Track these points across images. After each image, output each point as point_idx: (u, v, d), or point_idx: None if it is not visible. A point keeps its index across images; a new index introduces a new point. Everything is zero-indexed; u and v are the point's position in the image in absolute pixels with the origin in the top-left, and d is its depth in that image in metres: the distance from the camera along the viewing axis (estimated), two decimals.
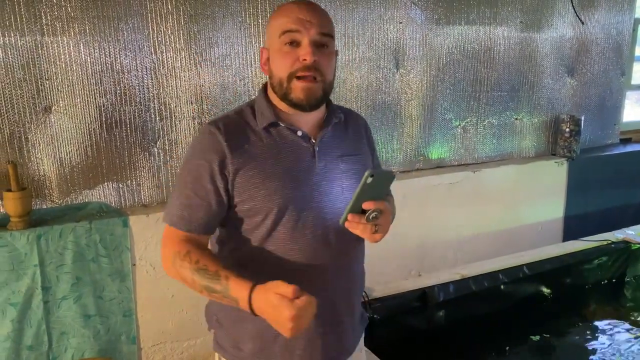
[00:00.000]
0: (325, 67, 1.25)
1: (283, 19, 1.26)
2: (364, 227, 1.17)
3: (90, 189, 2.35)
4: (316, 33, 1.23)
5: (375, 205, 1.16)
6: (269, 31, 1.31)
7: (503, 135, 3.39)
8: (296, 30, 1.23)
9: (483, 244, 3.25)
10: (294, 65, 1.23)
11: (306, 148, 1.30)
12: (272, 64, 1.28)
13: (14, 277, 2.14)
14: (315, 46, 1.23)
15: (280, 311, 1.06)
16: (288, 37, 1.23)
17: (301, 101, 1.24)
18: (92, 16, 2.21)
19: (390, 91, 2.96)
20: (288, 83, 1.24)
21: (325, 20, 1.28)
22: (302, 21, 1.23)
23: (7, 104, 2.15)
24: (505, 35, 3.24)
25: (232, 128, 1.28)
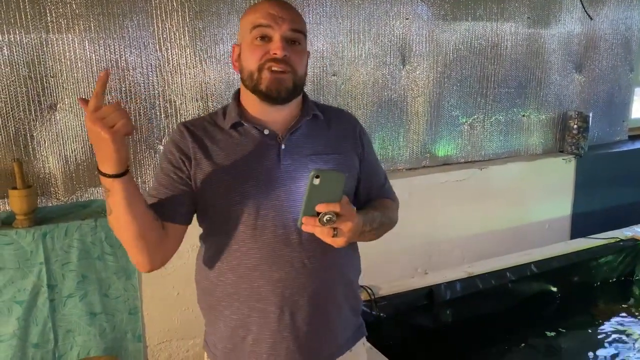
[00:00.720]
0: (296, 62, 1.25)
1: (255, 14, 1.26)
2: (320, 230, 1.11)
3: (95, 187, 2.35)
4: (288, 29, 1.23)
5: (328, 207, 1.10)
6: (241, 27, 1.30)
7: (510, 132, 3.36)
8: (267, 25, 1.23)
9: (490, 241, 3.23)
10: (264, 57, 1.23)
11: (271, 146, 1.28)
12: (244, 58, 1.27)
13: (20, 275, 2.14)
14: (286, 42, 1.23)
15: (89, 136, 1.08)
16: (259, 31, 1.23)
17: (271, 91, 1.23)
18: (97, 13, 2.20)
19: (396, 88, 2.93)
20: (258, 74, 1.23)
21: (297, 17, 1.28)
22: (273, 17, 1.23)
23: (13, 101, 2.14)
24: (512, 31, 3.21)
25: (199, 127, 1.31)
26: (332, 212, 1.10)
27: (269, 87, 1.23)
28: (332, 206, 1.10)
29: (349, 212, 1.13)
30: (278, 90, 1.23)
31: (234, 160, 1.27)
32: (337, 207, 1.10)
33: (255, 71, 1.24)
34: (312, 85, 2.68)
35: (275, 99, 1.25)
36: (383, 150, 2.97)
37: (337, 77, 2.75)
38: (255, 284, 1.27)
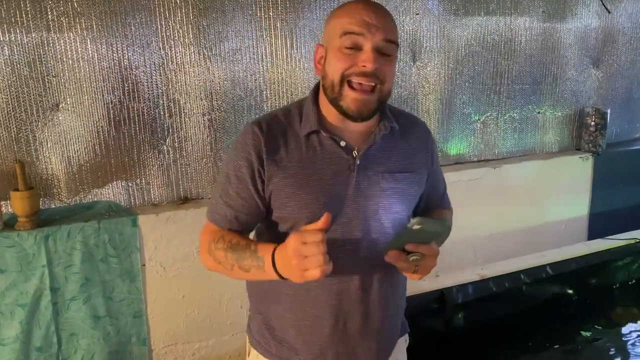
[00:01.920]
0: (386, 75, 1.16)
1: (347, 18, 1.16)
2: (403, 264, 1.12)
3: (99, 188, 2.31)
4: (381, 39, 1.14)
5: (418, 249, 1.10)
6: (329, 29, 1.20)
7: (525, 130, 3.27)
8: (360, 33, 1.13)
9: (504, 243, 3.14)
10: (351, 68, 1.13)
11: (346, 160, 1.21)
12: (328, 63, 1.18)
13: (22, 278, 2.11)
14: (378, 53, 1.14)
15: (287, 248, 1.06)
16: (350, 39, 1.13)
17: (352, 112, 1.16)
18: (99, 11, 2.16)
19: (406, 85, 2.86)
20: (340, 87, 1.14)
21: (391, 26, 1.19)
22: (367, 24, 1.13)
23: (14, 102, 2.11)
24: (526, 26, 3.12)
25: (274, 131, 1.22)
26: (420, 253, 1.10)
27: (350, 107, 1.15)
28: (423, 248, 1.10)
29: (434, 252, 1.13)
30: (360, 112, 1.16)
31: (308, 175, 1.20)
32: (427, 249, 1.10)
33: (337, 82, 1.14)
34: None
35: (355, 119, 1.18)
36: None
37: None
38: (313, 293, 1.24)
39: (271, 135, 1.21)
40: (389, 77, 1.17)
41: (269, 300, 1.30)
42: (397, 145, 1.26)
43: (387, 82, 1.17)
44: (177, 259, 2.35)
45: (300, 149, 1.21)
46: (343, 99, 1.15)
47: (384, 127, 1.22)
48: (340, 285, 1.23)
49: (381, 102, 1.19)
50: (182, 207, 2.39)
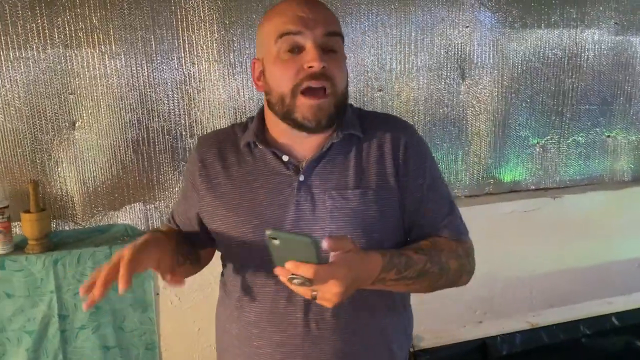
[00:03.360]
0: (336, 74, 0.99)
1: (279, 19, 1.00)
2: (295, 288, 0.85)
3: (115, 210, 2.20)
4: (322, 33, 0.98)
5: (297, 269, 0.82)
6: (261, 37, 1.05)
7: (592, 156, 2.90)
8: (297, 31, 0.98)
9: (564, 283, 2.78)
10: (298, 75, 0.97)
11: (288, 177, 1.04)
12: (269, 77, 1.02)
13: (30, 303, 2.02)
14: (322, 50, 0.98)
15: None
16: (288, 41, 0.98)
17: (309, 121, 0.99)
18: (117, 26, 2.07)
19: (454, 104, 2.60)
20: (292, 99, 0.99)
21: (330, 17, 1.03)
22: (303, 20, 0.98)
23: (30, 120, 2.04)
24: (595, 39, 2.77)
25: (214, 147, 1.12)
26: (301, 276, 0.82)
27: (306, 117, 0.99)
28: (303, 269, 0.81)
29: (331, 275, 0.83)
30: (318, 119, 0.99)
31: (242, 194, 1.05)
32: (309, 271, 0.81)
33: (288, 95, 0.99)
34: (354, 102, 2.39)
35: (314, 129, 1.01)
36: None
37: (383, 93, 2.46)
38: (255, 343, 1.07)
39: (209, 152, 1.12)
40: (339, 75, 1.00)
41: None
42: (357, 156, 1.06)
43: (339, 82, 1.00)
44: (193, 289, 2.20)
45: (239, 164, 1.07)
46: (297, 109, 0.99)
47: (335, 136, 1.04)
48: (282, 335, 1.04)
49: (338, 107, 1.01)
50: None
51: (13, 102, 2.01)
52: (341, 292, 0.84)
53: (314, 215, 1.01)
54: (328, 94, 0.99)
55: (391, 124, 1.11)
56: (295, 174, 1.04)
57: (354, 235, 0.98)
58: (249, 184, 1.06)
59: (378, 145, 1.07)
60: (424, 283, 1.01)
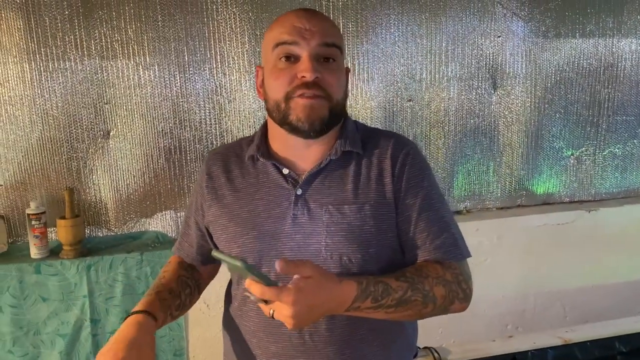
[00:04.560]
0: (331, 84, 1.01)
1: (277, 29, 1.03)
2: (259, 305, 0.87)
3: (147, 218, 2.24)
4: (318, 44, 1.00)
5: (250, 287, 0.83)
6: (263, 47, 1.09)
7: (629, 168, 2.82)
8: (292, 41, 1.00)
9: (599, 299, 2.69)
10: (292, 84, 1.00)
11: (286, 190, 1.05)
12: (267, 84, 1.05)
13: (64, 307, 2.07)
14: (317, 60, 1.00)
15: None
16: (283, 50, 1.01)
17: (302, 123, 1.00)
18: (152, 38, 2.12)
19: (485, 115, 2.57)
20: (286, 103, 1.00)
21: (329, 29, 1.04)
22: (299, 30, 1.00)
23: (66, 128, 2.11)
24: (632, 49, 2.70)
25: (222, 159, 1.16)
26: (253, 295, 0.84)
27: (300, 117, 1.00)
28: (253, 288, 0.83)
29: (276, 297, 0.83)
30: (311, 120, 1.00)
31: (242, 205, 1.08)
32: (256, 290, 0.83)
33: (281, 101, 1.01)
34: (383, 112, 2.40)
35: (307, 132, 1.01)
36: (469, 186, 2.60)
37: (413, 103, 2.44)
38: (253, 352, 1.08)
39: (216, 165, 1.15)
40: (334, 84, 1.01)
41: None
42: (355, 171, 1.06)
43: (335, 91, 1.01)
44: (221, 297, 2.20)
45: (242, 176, 1.10)
46: (292, 112, 1.00)
47: (334, 151, 1.05)
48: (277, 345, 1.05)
49: (334, 113, 1.02)
50: None
51: (51, 112, 2.08)
52: (292, 316, 0.83)
53: (310, 229, 1.01)
54: (321, 97, 1.00)
55: (393, 141, 1.09)
56: (293, 187, 1.05)
57: (350, 250, 0.99)
58: (250, 195, 1.08)
59: (378, 162, 1.07)
60: (407, 312, 0.97)
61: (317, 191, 1.04)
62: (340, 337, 1.03)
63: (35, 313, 2.05)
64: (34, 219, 2.01)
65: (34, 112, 2.07)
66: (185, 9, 2.13)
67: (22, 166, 2.10)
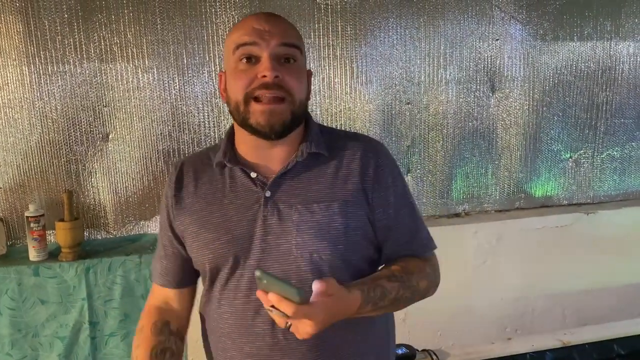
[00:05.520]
0: (292, 84, 1.01)
1: (237, 32, 1.04)
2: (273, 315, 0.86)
3: (146, 220, 2.25)
4: (277, 44, 1.01)
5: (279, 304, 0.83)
6: (224, 50, 1.09)
7: (627, 171, 2.83)
8: (252, 42, 1.00)
9: (597, 302, 2.70)
10: (252, 84, 1.00)
11: (255, 193, 1.06)
12: (228, 87, 1.06)
13: (62, 310, 2.07)
14: (277, 61, 1.00)
15: None
16: (243, 51, 1.01)
17: (262, 127, 1.00)
18: (151, 41, 2.13)
19: (483, 117, 2.57)
20: (245, 106, 1.01)
21: (289, 30, 1.05)
22: (259, 32, 1.01)
23: (65, 131, 2.11)
24: (630, 52, 2.72)
25: (190, 167, 1.15)
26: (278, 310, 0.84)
27: (259, 122, 1.00)
28: (283, 306, 0.83)
29: (308, 317, 0.84)
30: (271, 124, 1.00)
31: (212, 211, 1.08)
32: (288, 309, 0.83)
33: (241, 102, 1.01)
34: (382, 115, 2.41)
35: (268, 135, 1.02)
36: (467, 189, 2.61)
37: (411, 106, 2.45)
38: (229, 354, 1.10)
39: (184, 173, 1.14)
40: (296, 85, 1.01)
41: None
42: (322, 172, 1.07)
43: (296, 92, 1.01)
44: None
45: (210, 183, 1.10)
46: (251, 115, 1.01)
47: (300, 153, 1.06)
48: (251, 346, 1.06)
49: (295, 115, 1.02)
50: None
51: (50, 115, 2.09)
52: (313, 332, 0.86)
53: (280, 229, 1.03)
54: (283, 101, 1.00)
55: (361, 142, 1.12)
56: (262, 190, 1.06)
57: (320, 247, 1.01)
58: (219, 200, 1.08)
59: (346, 162, 1.08)
60: (397, 308, 1.06)
61: (285, 192, 1.06)
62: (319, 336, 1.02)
63: (33, 315, 2.05)
64: (33, 222, 2.01)
65: (33, 115, 2.08)
66: (184, 13, 2.14)
67: (21, 169, 2.11)
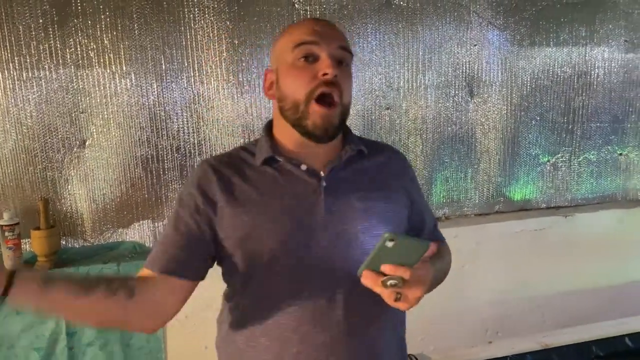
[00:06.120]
0: (345, 86, 1.07)
1: (297, 31, 1.08)
2: (381, 290, 0.92)
3: (124, 228, 2.22)
4: (336, 47, 1.06)
5: (395, 271, 0.89)
6: (278, 49, 1.11)
7: (604, 174, 2.87)
8: (314, 41, 1.05)
9: (576, 304, 2.73)
10: (312, 82, 1.03)
11: (311, 184, 1.08)
12: (284, 84, 1.08)
13: (38, 320, 2.02)
14: (334, 61, 1.04)
15: None
16: (304, 49, 1.05)
17: (317, 129, 1.05)
18: (128, 47, 2.10)
19: (462, 122, 2.59)
20: (305, 105, 1.04)
21: (344, 36, 1.11)
22: (319, 33, 1.06)
23: (41, 138, 2.08)
24: (605, 57, 2.76)
25: (226, 164, 1.13)
26: (399, 277, 0.90)
27: (316, 123, 1.05)
28: (401, 271, 0.90)
29: (420, 278, 0.93)
30: (326, 128, 1.05)
31: (269, 201, 1.07)
32: (406, 273, 0.90)
33: (302, 101, 1.05)
34: (361, 120, 2.42)
35: (321, 138, 1.07)
36: (447, 193, 2.62)
37: (391, 111, 2.46)
38: (295, 349, 1.07)
39: (224, 167, 1.12)
40: (347, 87, 1.08)
41: None
42: (367, 168, 1.16)
43: (347, 94, 1.07)
44: (201, 307, 2.17)
45: (257, 177, 1.10)
46: (309, 116, 1.05)
47: (350, 149, 1.14)
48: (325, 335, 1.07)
49: (343, 118, 1.09)
50: None
51: (25, 121, 2.05)
52: (422, 295, 0.93)
53: (345, 216, 1.07)
54: (336, 103, 1.05)
55: (392, 149, 1.27)
56: (317, 181, 1.09)
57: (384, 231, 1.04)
58: (275, 191, 1.08)
59: (384, 161, 1.20)
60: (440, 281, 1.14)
61: (342, 182, 1.10)
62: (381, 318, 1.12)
63: (9, 327, 2.00)
64: (7, 230, 1.97)
65: (8, 122, 2.04)
66: (162, 18, 2.12)
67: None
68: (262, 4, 2.23)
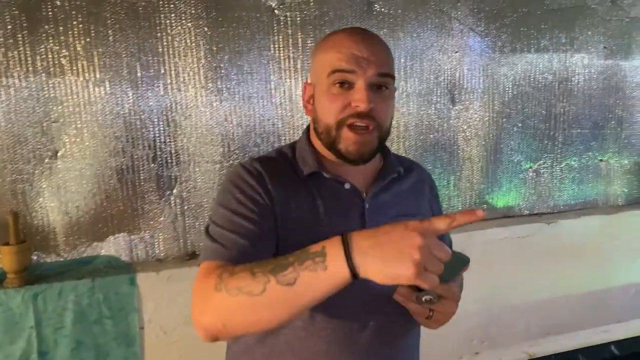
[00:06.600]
0: (382, 114, 1.03)
1: (334, 54, 1.02)
2: (415, 307, 0.94)
3: (99, 242, 2.13)
4: (374, 74, 1.00)
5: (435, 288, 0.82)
6: (316, 65, 1.08)
7: (585, 180, 2.87)
8: (350, 70, 1.00)
9: (560, 311, 2.71)
10: (345, 111, 1.01)
11: (354, 205, 1.07)
12: (318, 105, 1.06)
13: (8, 339, 1.93)
14: (371, 89, 1.00)
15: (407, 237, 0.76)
16: (339, 77, 1.01)
17: (351, 155, 1.04)
18: (102, 54, 2.03)
19: (444, 129, 2.57)
20: (337, 131, 1.02)
21: (385, 58, 1.04)
22: (357, 59, 1.00)
23: (10, 149, 1.99)
24: (585, 64, 2.77)
25: (272, 169, 1.08)
26: (435, 293, 0.90)
27: (349, 150, 1.03)
28: (440, 288, 0.89)
29: (450, 294, 0.94)
30: (360, 153, 1.03)
31: (316, 217, 1.04)
32: (445, 289, 0.91)
33: (333, 127, 1.03)
34: None
35: (355, 162, 1.05)
36: None
37: None
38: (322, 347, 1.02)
39: (270, 171, 1.06)
40: (385, 115, 1.05)
41: None
42: (403, 188, 1.17)
43: (385, 121, 1.04)
44: (179, 322, 2.12)
45: (304, 190, 1.06)
46: (342, 141, 1.03)
47: (392, 170, 1.14)
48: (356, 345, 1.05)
49: (382, 141, 1.07)
50: (187, 263, 2.17)
51: None
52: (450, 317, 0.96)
53: None
54: (374, 130, 1.03)
55: (420, 168, 1.27)
56: (361, 201, 1.08)
57: None
58: (322, 208, 1.05)
59: (415, 182, 1.20)
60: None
61: (381, 204, 1.10)
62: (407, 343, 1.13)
63: None
64: None
65: None
66: (138, 24, 2.05)
67: None
68: (240, 9, 2.18)
